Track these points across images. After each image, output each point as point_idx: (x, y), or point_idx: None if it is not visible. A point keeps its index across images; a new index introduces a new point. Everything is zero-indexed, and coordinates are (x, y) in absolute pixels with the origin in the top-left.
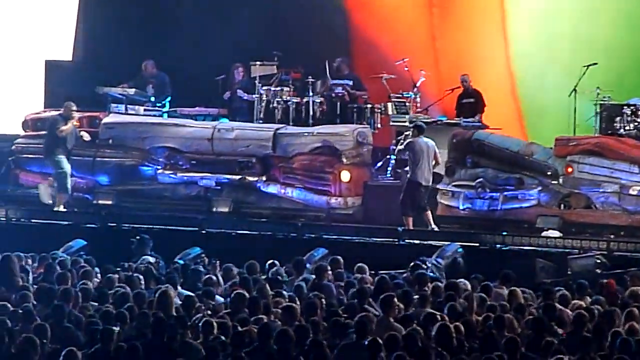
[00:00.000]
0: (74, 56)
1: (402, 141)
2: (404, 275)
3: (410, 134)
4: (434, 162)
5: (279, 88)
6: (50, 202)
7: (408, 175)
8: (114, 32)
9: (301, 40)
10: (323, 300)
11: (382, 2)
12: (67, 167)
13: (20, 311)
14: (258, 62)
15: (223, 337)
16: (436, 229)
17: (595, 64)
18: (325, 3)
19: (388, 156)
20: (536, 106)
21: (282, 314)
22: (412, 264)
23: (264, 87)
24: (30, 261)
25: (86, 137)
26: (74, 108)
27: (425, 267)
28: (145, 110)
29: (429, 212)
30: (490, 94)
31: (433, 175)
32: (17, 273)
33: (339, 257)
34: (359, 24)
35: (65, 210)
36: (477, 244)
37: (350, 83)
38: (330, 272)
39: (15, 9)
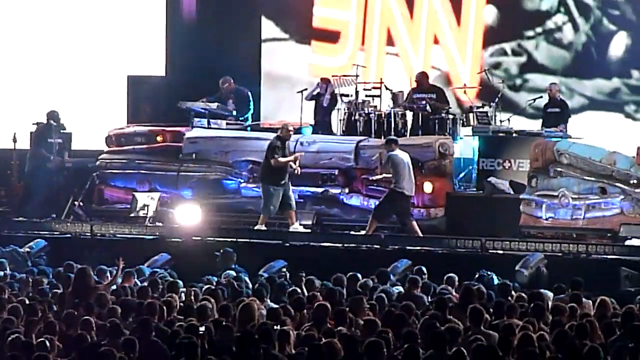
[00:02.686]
0: (167, 71)
1: (378, 157)
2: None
3: (386, 149)
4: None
5: (360, 100)
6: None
7: (392, 186)
8: (196, 47)
9: None
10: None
11: None
12: (275, 198)
13: (108, 325)
14: (339, 75)
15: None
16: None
17: None
18: None
19: (470, 167)
20: None
21: (363, 326)
22: (476, 275)
23: (346, 100)
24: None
25: (297, 170)
26: (291, 129)
27: (489, 277)
28: (227, 124)
29: (414, 222)
30: None
31: (514, 185)
32: (93, 285)
33: (423, 268)
34: None
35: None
36: (560, 254)
37: (434, 96)
38: (420, 284)
39: (99, 24)
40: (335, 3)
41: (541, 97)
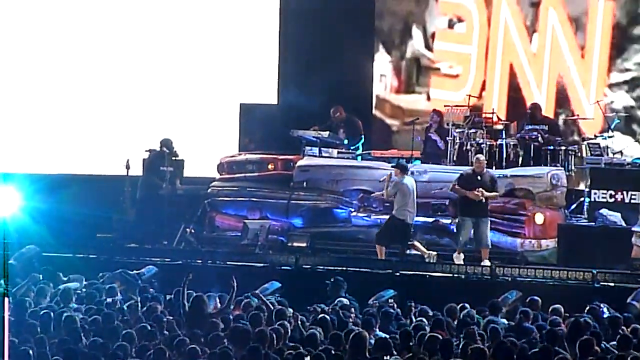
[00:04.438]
0: (279, 99)
1: (385, 182)
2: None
3: (394, 174)
4: None
5: (472, 130)
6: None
7: (393, 212)
8: (308, 76)
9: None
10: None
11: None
12: (460, 228)
13: (218, 352)
14: (452, 105)
15: None
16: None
17: None
18: None
19: (582, 198)
20: None
21: (470, 356)
22: (587, 307)
23: (457, 130)
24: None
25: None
26: (482, 160)
27: (600, 309)
28: (338, 153)
29: (417, 242)
30: None
31: (626, 217)
32: (208, 314)
33: (538, 299)
34: None
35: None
36: None
37: (546, 128)
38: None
39: (213, 53)
40: (456, 37)
41: None
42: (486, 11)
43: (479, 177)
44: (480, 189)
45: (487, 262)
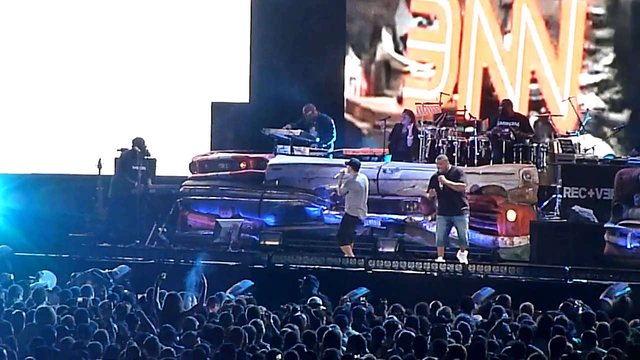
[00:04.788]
0: (251, 98)
1: (339, 179)
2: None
3: (346, 171)
4: None
5: (443, 128)
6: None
7: (346, 210)
8: (280, 75)
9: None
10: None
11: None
12: (436, 227)
13: (191, 351)
14: (422, 103)
15: None
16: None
17: None
18: None
19: (554, 195)
20: None
21: (448, 354)
22: (561, 304)
23: (429, 127)
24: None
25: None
26: (443, 160)
27: (575, 306)
28: (310, 151)
29: (351, 245)
30: None
31: (598, 213)
32: (183, 312)
33: (508, 296)
34: None
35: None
36: None
37: (517, 124)
38: (504, 313)
39: (184, 52)
40: (429, 35)
41: (624, 126)
42: (459, 9)
43: (444, 177)
44: (441, 177)
45: (463, 256)
